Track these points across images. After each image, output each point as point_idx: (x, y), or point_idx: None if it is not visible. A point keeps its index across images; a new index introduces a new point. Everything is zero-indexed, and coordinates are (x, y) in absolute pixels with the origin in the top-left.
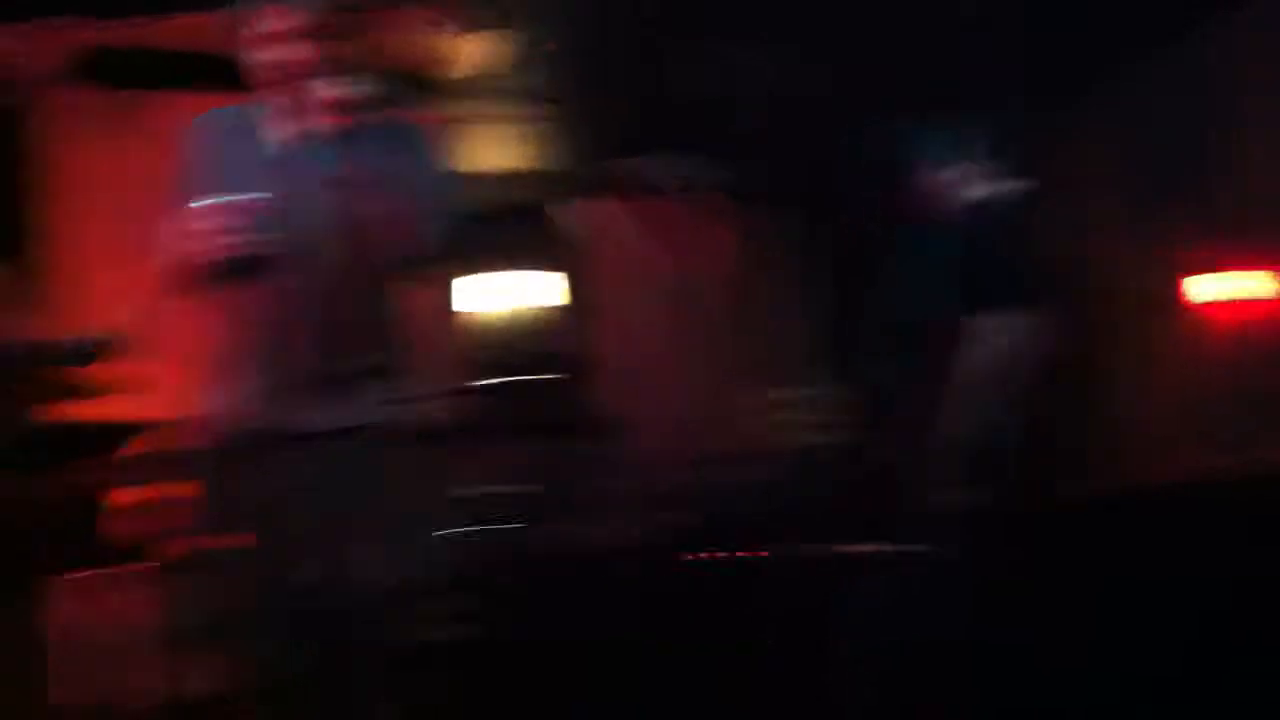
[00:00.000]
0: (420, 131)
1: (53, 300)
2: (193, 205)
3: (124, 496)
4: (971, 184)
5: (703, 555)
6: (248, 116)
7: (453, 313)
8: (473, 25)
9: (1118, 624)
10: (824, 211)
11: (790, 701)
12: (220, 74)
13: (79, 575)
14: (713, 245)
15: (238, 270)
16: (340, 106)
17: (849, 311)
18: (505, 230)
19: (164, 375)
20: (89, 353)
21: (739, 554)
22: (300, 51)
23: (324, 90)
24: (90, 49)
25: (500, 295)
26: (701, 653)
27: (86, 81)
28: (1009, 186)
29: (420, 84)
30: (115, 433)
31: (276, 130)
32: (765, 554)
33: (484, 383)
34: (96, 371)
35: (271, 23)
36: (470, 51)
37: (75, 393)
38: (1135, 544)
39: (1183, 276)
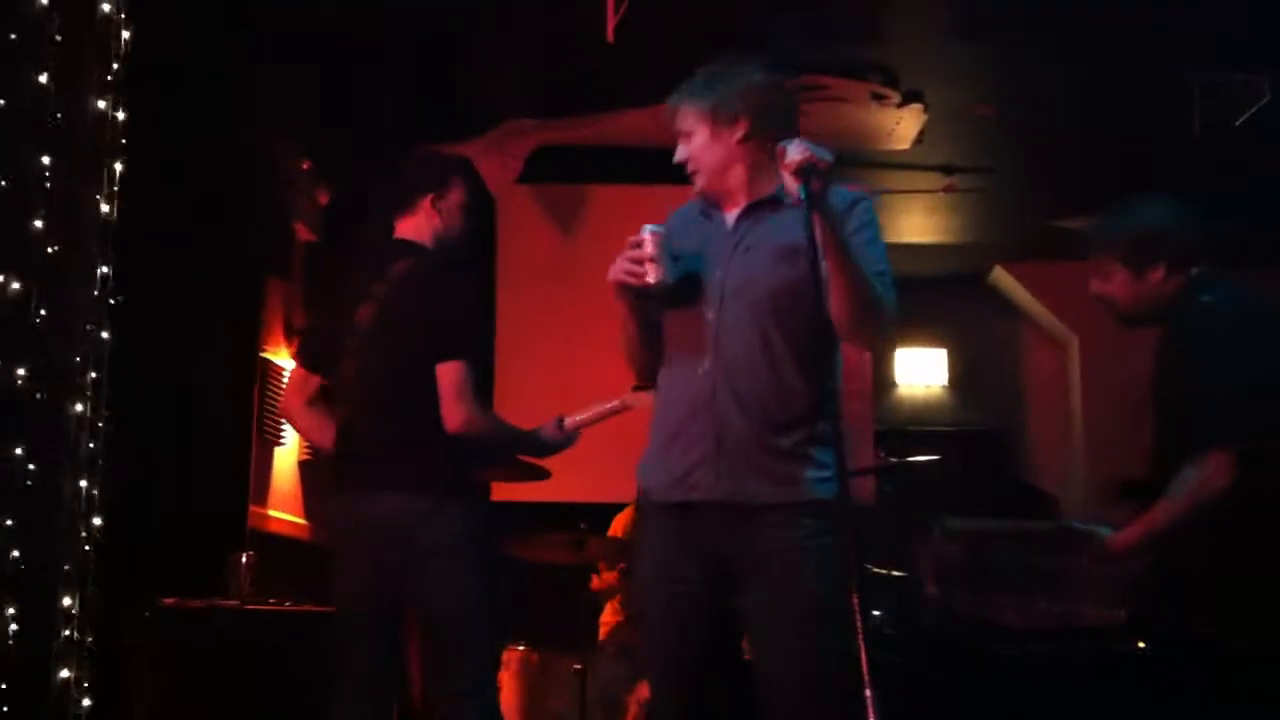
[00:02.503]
0: (860, 201)
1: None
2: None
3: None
4: None
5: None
6: (698, 207)
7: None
8: (905, 96)
9: None
10: None
11: None
12: (658, 167)
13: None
14: None
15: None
16: (805, 169)
17: None
18: (942, 302)
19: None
20: (567, 440)
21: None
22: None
23: (794, 153)
24: (540, 149)
25: (931, 367)
26: None
27: (538, 179)
28: None
29: (855, 156)
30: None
31: (723, 210)
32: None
33: (917, 459)
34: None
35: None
36: (903, 121)
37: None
38: None
39: None
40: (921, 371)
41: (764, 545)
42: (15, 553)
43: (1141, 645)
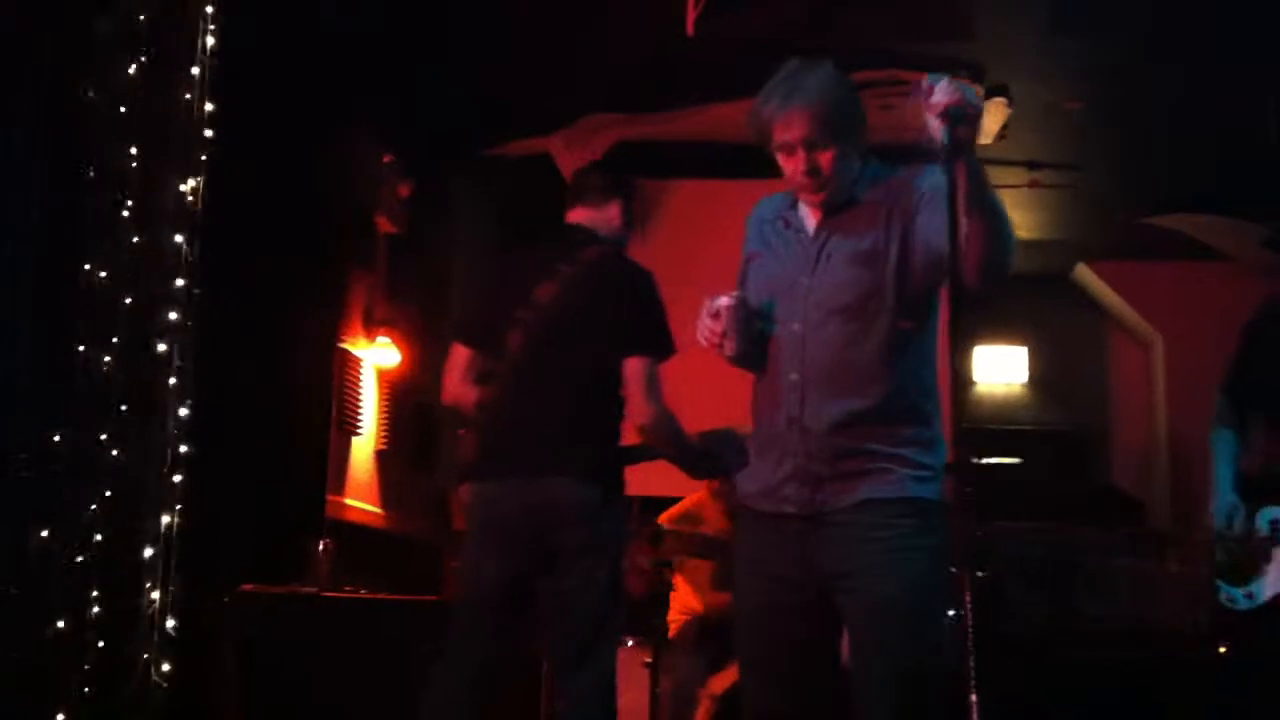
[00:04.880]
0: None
1: None
2: (707, 302)
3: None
4: None
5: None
6: (778, 207)
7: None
8: (989, 91)
9: None
10: None
11: None
12: (740, 162)
13: None
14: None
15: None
16: (954, 112)
17: None
18: (1023, 299)
19: None
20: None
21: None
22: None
23: (940, 95)
24: (620, 143)
25: (1011, 365)
26: None
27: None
28: None
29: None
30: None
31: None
32: None
33: (990, 460)
34: None
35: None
36: (986, 116)
37: None
38: None
39: None
40: (1001, 369)
41: (857, 545)
42: (98, 537)
43: (1222, 650)
